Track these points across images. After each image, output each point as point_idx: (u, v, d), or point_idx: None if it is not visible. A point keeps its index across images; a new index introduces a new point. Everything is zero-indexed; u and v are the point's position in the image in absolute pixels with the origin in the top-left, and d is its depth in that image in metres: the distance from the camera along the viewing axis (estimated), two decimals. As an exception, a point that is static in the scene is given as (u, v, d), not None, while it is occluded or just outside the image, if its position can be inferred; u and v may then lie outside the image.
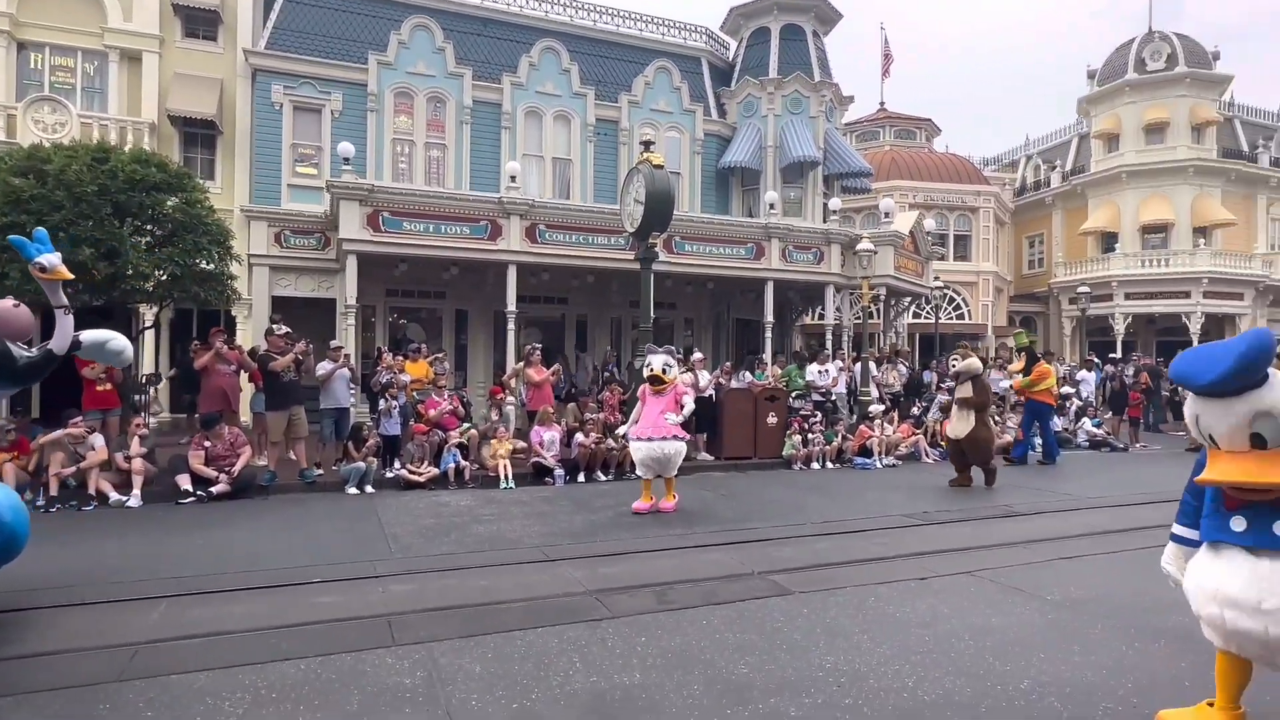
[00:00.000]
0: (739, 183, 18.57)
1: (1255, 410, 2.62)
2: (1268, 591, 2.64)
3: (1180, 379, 2.81)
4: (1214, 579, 2.82)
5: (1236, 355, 2.59)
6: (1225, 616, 2.75)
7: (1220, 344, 2.76)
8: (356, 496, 8.66)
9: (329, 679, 3.56)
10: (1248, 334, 2.67)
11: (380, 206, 11.81)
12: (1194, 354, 2.82)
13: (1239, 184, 26.72)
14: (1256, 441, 2.65)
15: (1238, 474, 2.65)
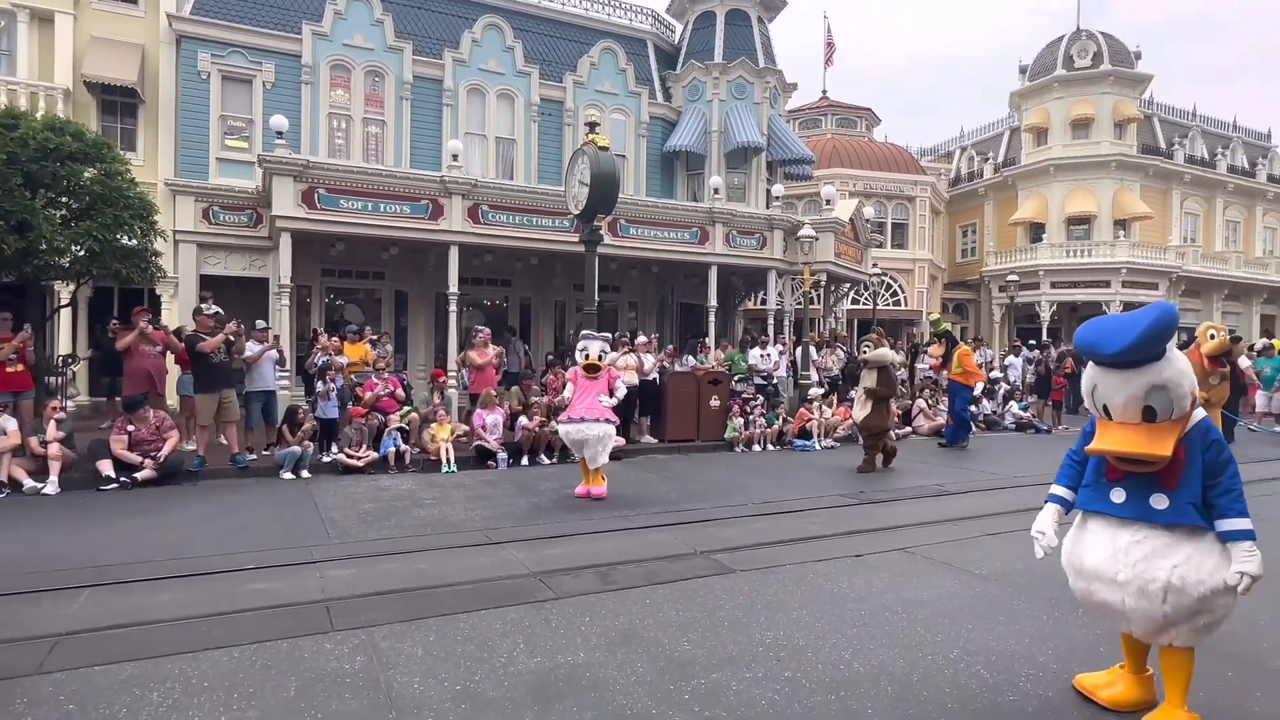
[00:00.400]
0: (684, 167, 18.60)
1: (1151, 383, 2.68)
2: (1123, 564, 2.76)
3: (1086, 347, 2.83)
4: (1079, 554, 2.95)
5: (1143, 327, 2.63)
6: (1090, 589, 2.89)
7: (1125, 316, 2.79)
8: (292, 482, 8.43)
9: (264, 666, 3.47)
10: (1153, 307, 2.73)
11: (316, 183, 11.42)
12: (1099, 324, 2.84)
13: (1156, 179, 28.06)
14: (1148, 414, 2.71)
15: (1127, 445, 2.71)
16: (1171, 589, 2.68)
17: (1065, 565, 3.07)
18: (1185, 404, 2.71)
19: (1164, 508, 2.76)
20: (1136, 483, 2.82)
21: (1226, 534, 2.70)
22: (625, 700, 3.19)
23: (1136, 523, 2.81)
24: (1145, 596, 2.72)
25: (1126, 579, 2.74)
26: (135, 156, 13.78)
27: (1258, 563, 2.63)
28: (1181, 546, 2.71)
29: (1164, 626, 2.76)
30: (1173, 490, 2.75)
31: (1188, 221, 29.15)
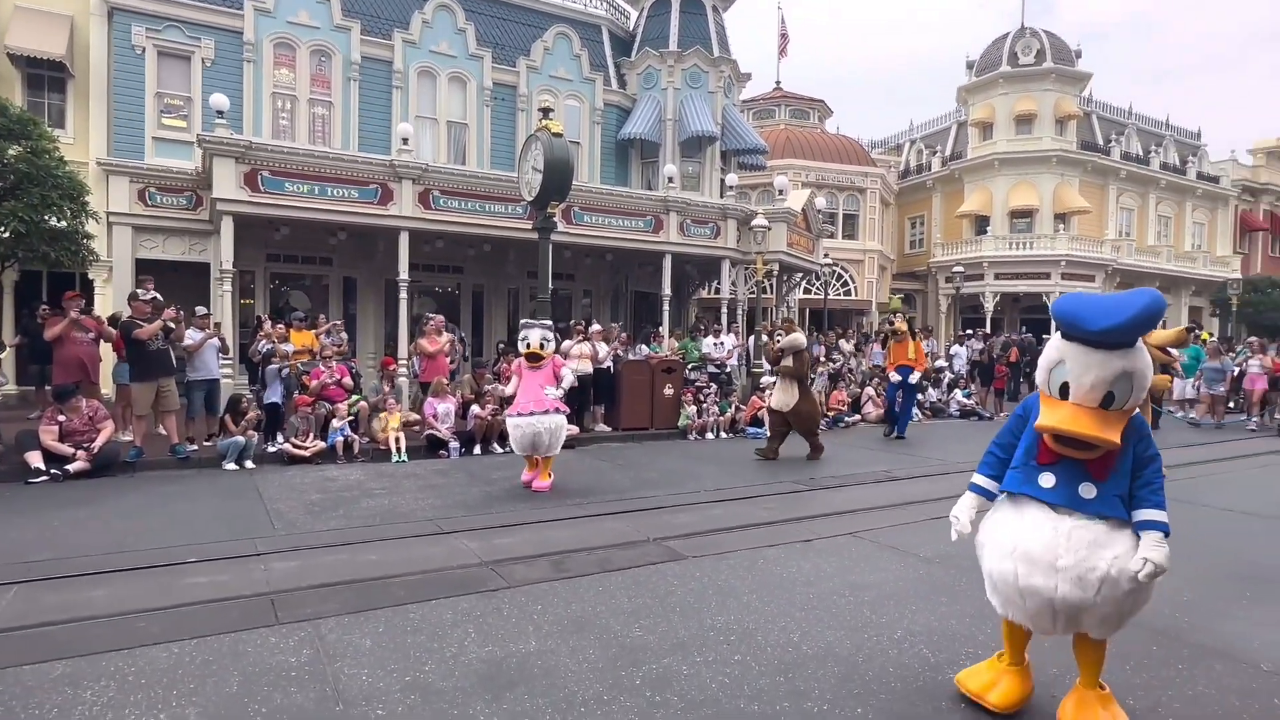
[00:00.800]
0: (638, 155, 18.55)
1: (1124, 369, 2.61)
2: (1065, 550, 2.68)
3: (1068, 320, 2.68)
4: (1013, 535, 2.83)
5: (1138, 309, 2.54)
6: (1019, 572, 2.76)
7: (1112, 295, 2.69)
8: (235, 472, 8.20)
9: (205, 661, 3.38)
10: (1143, 291, 2.65)
11: (259, 165, 11.05)
12: (1084, 299, 2.71)
13: (1094, 174, 29.03)
14: (1106, 400, 2.65)
15: (1080, 425, 2.62)
16: (1108, 580, 2.64)
17: (987, 543, 2.95)
18: (1140, 397, 2.69)
19: (1091, 498, 2.73)
20: (1067, 470, 2.77)
21: (1141, 523, 2.70)
22: (577, 687, 3.20)
23: (1066, 509, 2.76)
24: (1081, 585, 2.65)
25: (1066, 564, 2.67)
26: (64, 134, 13.13)
27: (1164, 554, 2.63)
28: (1118, 538, 2.69)
29: (1083, 619, 2.73)
30: (1102, 481, 2.73)
31: (1123, 216, 30.25)
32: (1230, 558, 5.40)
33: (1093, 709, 2.84)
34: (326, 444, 8.99)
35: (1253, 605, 4.38)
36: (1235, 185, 32.74)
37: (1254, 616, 4.19)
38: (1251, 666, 3.53)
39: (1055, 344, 2.81)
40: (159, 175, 12.73)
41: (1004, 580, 2.84)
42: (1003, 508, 2.98)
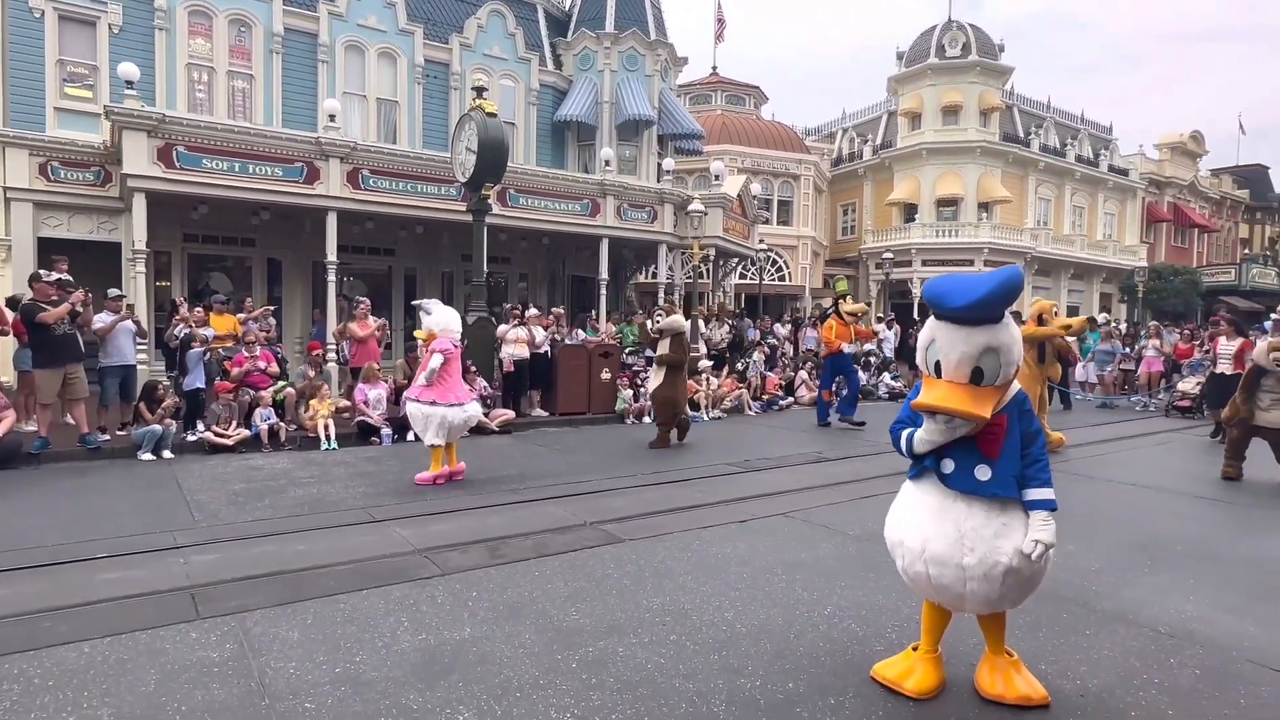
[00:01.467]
0: (575, 137, 18.38)
1: (987, 344, 2.67)
2: (969, 548, 2.75)
3: (932, 299, 2.78)
4: (921, 537, 2.87)
5: (993, 285, 2.61)
6: (930, 574, 2.84)
7: (974, 274, 2.75)
8: (152, 463, 7.83)
9: (119, 660, 3.23)
10: (1001, 269, 2.72)
11: (174, 139, 10.49)
12: (949, 279, 2.79)
13: (1015, 165, 30.19)
14: (975, 376, 2.71)
15: (951, 401, 2.68)
16: (1011, 571, 2.72)
17: (898, 546, 3.00)
18: (1010, 371, 2.74)
19: (987, 479, 2.79)
20: (964, 452, 2.83)
21: (1030, 502, 2.78)
22: (512, 672, 3.18)
23: (968, 497, 2.82)
24: (988, 580, 2.74)
25: (972, 563, 2.74)
26: (-46, 102, 12.20)
27: (1052, 532, 2.72)
28: (1015, 526, 2.76)
29: (994, 605, 2.84)
30: (994, 461, 2.79)
31: (1041, 206, 31.58)
32: (1133, 529, 5.74)
33: (1007, 673, 2.99)
34: (250, 432, 8.66)
35: (1153, 573, 4.67)
36: (1143, 178, 34.56)
37: (1154, 584, 4.47)
38: (1151, 630, 3.77)
39: (929, 324, 2.90)
40: (62, 148, 11.96)
41: (918, 581, 2.95)
42: (908, 500, 3.02)
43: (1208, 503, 6.79)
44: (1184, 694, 3.13)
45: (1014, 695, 2.94)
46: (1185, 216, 36.40)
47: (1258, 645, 3.61)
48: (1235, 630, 3.79)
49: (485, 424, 10.18)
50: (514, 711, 2.86)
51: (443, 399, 6.88)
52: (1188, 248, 37.54)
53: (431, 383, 6.89)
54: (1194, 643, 3.63)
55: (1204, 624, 3.86)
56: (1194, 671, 3.33)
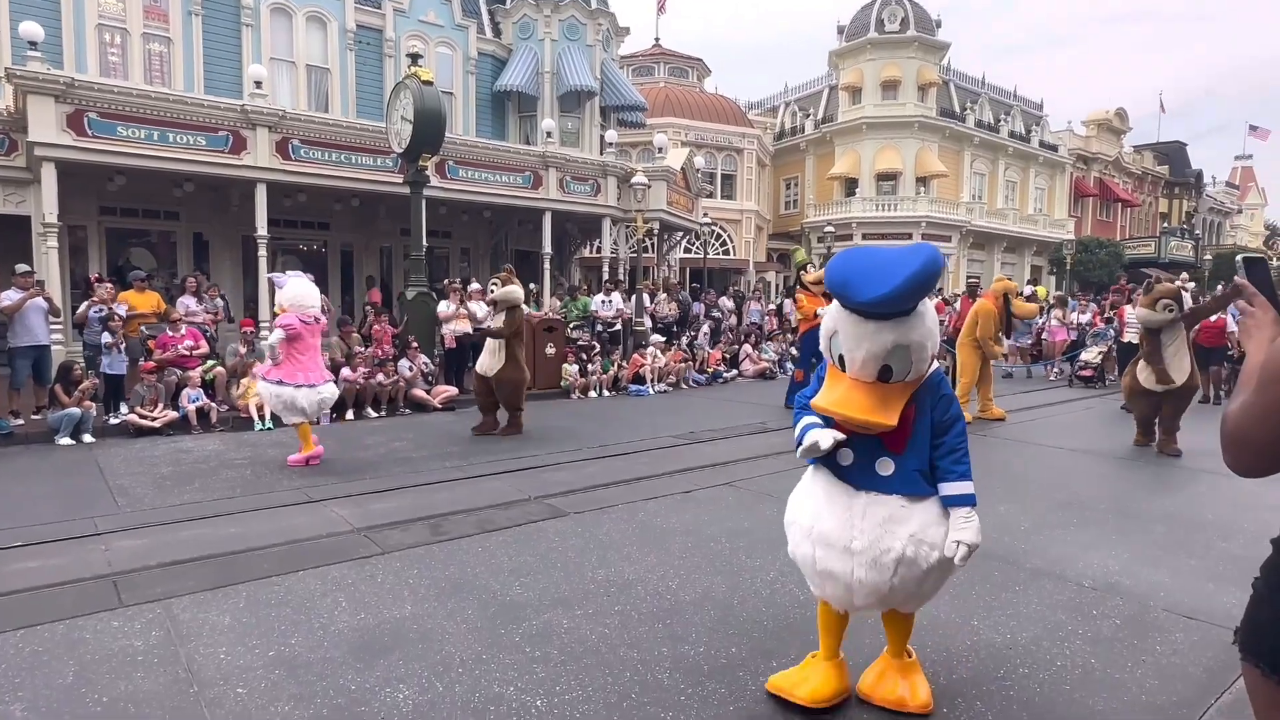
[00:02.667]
0: (515, 108, 18.00)
1: (897, 342, 2.33)
2: (859, 531, 2.46)
3: (837, 288, 2.38)
4: (812, 514, 2.59)
5: (907, 275, 2.22)
6: (816, 555, 2.55)
7: (886, 253, 2.36)
8: (71, 448, 7.44)
9: (33, 653, 3.06)
10: (918, 249, 2.30)
11: (84, 105, 9.85)
12: (855, 261, 2.39)
13: (951, 140, 30.85)
14: (884, 374, 2.38)
15: (852, 407, 2.35)
16: (904, 560, 2.43)
17: (791, 525, 2.71)
18: (924, 367, 2.44)
19: (889, 474, 2.50)
20: (863, 444, 2.52)
21: (947, 498, 2.47)
22: (454, 648, 3.13)
23: (864, 490, 2.52)
24: (877, 568, 2.43)
25: (861, 547, 2.45)
26: None
27: (975, 530, 2.44)
28: (915, 513, 2.46)
29: (885, 599, 2.53)
30: (899, 455, 2.50)
31: (976, 180, 32.39)
32: (1060, 490, 5.98)
33: (891, 679, 2.73)
34: (178, 414, 8.31)
35: (1079, 530, 4.87)
36: (1071, 154, 35.73)
37: (1079, 540, 4.67)
38: (1076, 584, 3.94)
39: (832, 312, 2.53)
40: (-40, 114, 11.12)
41: (805, 563, 2.65)
42: (808, 480, 2.72)
43: (1128, 464, 7.12)
44: (1106, 643, 3.27)
45: (888, 699, 2.70)
46: (1110, 191, 37.85)
47: (1172, 595, 3.80)
48: (1152, 581, 3.99)
49: (428, 401, 10.01)
50: (456, 688, 2.82)
51: (290, 379, 6.52)
52: (1112, 221, 39.08)
53: (277, 361, 6.52)
54: (1116, 594, 3.80)
55: (1125, 576, 4.05)
56: (1115, 622, 3.49)
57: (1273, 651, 1.26)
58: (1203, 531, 4.86)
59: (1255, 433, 1.21)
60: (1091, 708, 2.75)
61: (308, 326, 6.67)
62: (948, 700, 2.77)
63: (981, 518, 2.53)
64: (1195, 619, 3.49)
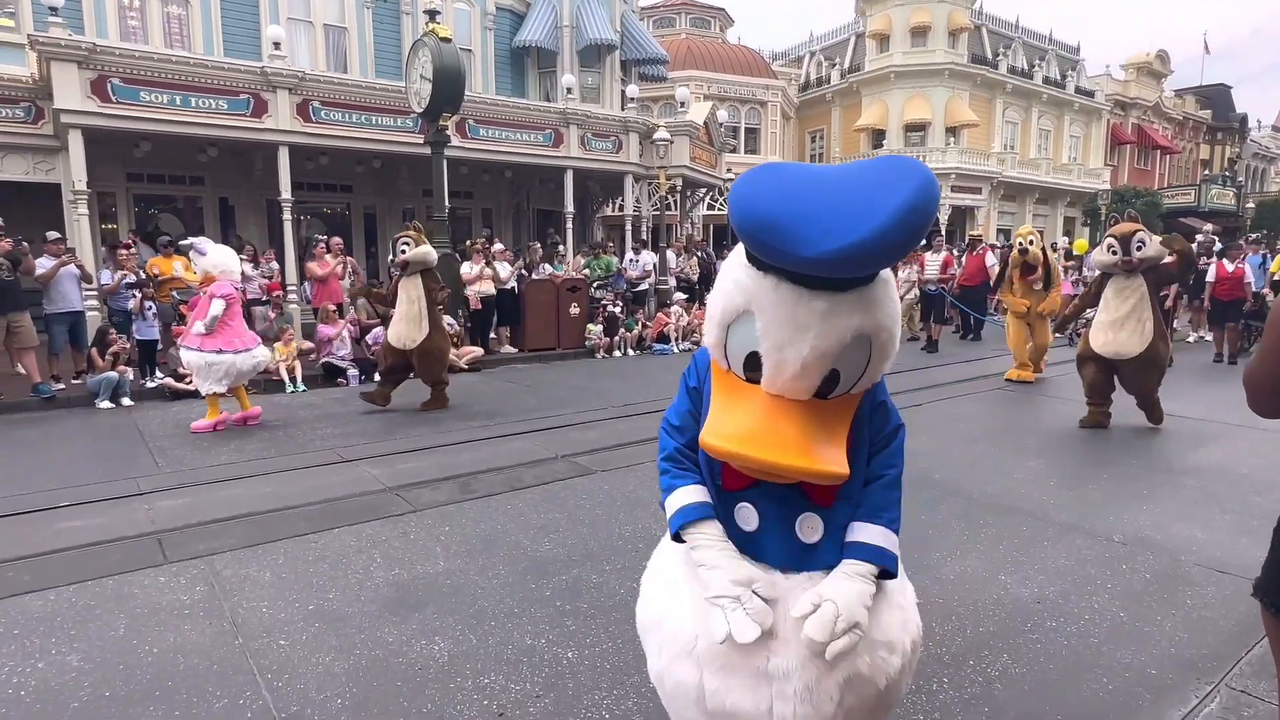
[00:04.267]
0: (535, 64, 17.70)
1: (860, 329, 1.47)
2: (780, 641, 1.50)
3: (760, 234, 1.36)
4: (691, 614, 1.59)
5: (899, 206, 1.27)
6: (708, 687, 1.56)
7: (834, 174, 1.39)
8: (111, 411, 7.64)
9: (86, 607, 3.19)
10: (895, 164, 1.36)
11: (107, 71, 9.88)
12: (788, 186, 1.37)
13: (983, 88, 29.88)
14: (826, 384, 1.51)
15: (784, 451, 1.42)
16: (853, 681, 1.51)
17: (652, 629, 1.73)
18: (879, 372, 1.59)
19: (817, 540, 1.63)
20: (773, 498, 1.63)
21: (852, 546, 1.59)
22: (487, 602, 3.21)
23: (780, 569, 1.61)
24: (812, 699, 1.49)
25: (785, 668, 1.49)
26: None
27: (864, 604, 1.51)
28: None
29: None
30: (829, 509, 1.63)
31: (1008, 129, 31.44)
32: (1090, 445, 5.91)
33: None
34: (212, 377, 8.46)
35: (1110, 485, 4.83)
36: (1108, 99, 34.47)
37: (1110, 495, 4.63)
38: (1106, 539, 3.91)
39: (735, 274, 1.56)
40: (-13, 83, 11.21)
41: (682, 697, 1.63)
42: (679, 557, 1.71)
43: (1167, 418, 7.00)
44: (1135, 597, 3.26)
45: None
46: (1149, 138, 36.56)
47: (1204, 549, 3.77)
48: (1184, 536, 3.95)
49: (454, 362, 10.08)
50: (489, 640, 2.90)
51: (229, 346, 6.52)
52: (1150, 170, 37.83)
53: (213, 330, 6.45)
54: (1146, 549, 3.77)
55: (1156, 531, 4.01)
56: (1145, 576, 3.47)
57: None
58: (1238, 486, 4.79)
59: (1263, 375, 1.30)
60: (1119, 660, 2.75)
61: (237, 293, 6.75)
62: (974, 653, 2.79)
63: (1011, 473, 2.50)
64: (1228, 573, 3.46)
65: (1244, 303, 10.78)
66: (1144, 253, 6.04)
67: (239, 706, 2.47)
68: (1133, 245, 6.05)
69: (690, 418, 1.77)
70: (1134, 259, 6.07)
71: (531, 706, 2.47)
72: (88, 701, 2.50)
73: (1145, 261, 6.07)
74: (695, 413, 1.75)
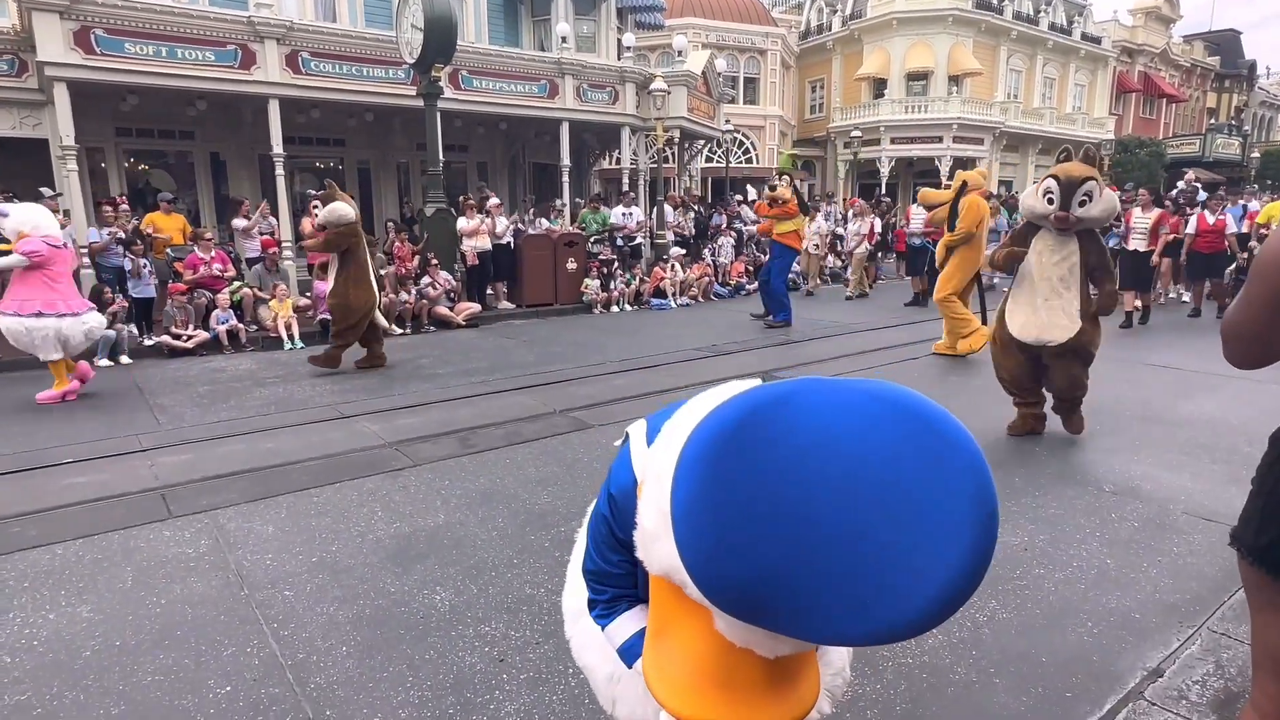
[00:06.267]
0: (529, 12, 17.26)
1: None
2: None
3: (752, 616, 0.83)
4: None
5: (942, 583, 0.76)
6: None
7: (849, 491, 0.77)
8: (110, 368, 7.65)
9: (94, 560, 3.25)
10: (955, 484, 0.77)
11: (90, 22, 9.64)
12: (767, 525, 0.78)
13: (987, 35, 29.22)
14: None
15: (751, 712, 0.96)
16: None
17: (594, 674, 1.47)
18: None
19: None
20: None
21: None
22: (487, 554, 3.27)
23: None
24: None
25: None
26: None
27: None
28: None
29: None
30: None
31: (1011, 78, 30.85)
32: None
33: None
34: (209, 334, 8.48)
35: (1102, 437, 4.88)
36: (1115, 46, 33.76)
37: (1102, 446, 4.68)
38: (1096, 489, 3.97)
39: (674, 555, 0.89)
40: (-33, 35, 10.94)
41: None
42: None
43: (1155, 369, 7.04)
44: (1123, 544, 3.33)
45: None
46: (1155, 86, 35.92)
47: (1193, 498, 3.83)
48: (1174, 485, 4.01)
49: (451, 318, 10.08)
50: (490, 590, 2.96)
51: (50, 309, 5.98)
52: (1155, 119, 37.26)
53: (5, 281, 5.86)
54: (1136, 498, 3.84)
55: (1146, 481, 4.07)
56: (1133, 524, 3.54)
57: (1254, 538, 1.40)
58: (1229, 436, 4.84)
59: (1243, 324, 1.30)
60: (1104, 605, 2.82)
61: (57, 251, 6.15)
62: (963, 599, 2.86)
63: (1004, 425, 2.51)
64: (1214, 521, 3.52)
65: (1225, 256, 10.35)
66: (1087, 210, 4.47)
67: (246, 654, 2.54)
68: (1076, 198, 4.45)
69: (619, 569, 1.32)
70: (1071, 216, 4.49)
71: (531, 653, 2.54)
72: (99, 650, 2.57)
73: (1085, 223, 4.54)
74: (627, 560, 1.28)
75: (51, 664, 2.50)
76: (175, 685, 2.38)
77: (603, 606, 1.36)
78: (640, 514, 1.03)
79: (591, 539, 1.37)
